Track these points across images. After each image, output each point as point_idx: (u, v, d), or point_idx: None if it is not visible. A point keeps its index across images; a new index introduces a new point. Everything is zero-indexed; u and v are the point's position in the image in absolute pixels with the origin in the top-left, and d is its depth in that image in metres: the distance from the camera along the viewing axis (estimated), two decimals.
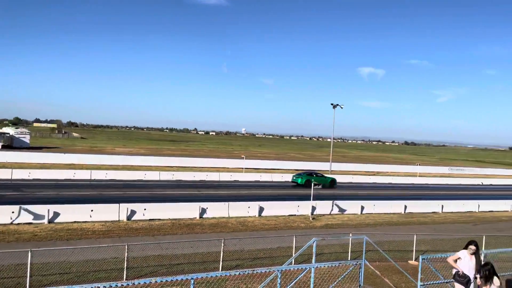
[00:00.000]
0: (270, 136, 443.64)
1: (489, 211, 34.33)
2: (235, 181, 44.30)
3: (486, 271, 8.24)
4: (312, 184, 29.87)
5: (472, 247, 9.17)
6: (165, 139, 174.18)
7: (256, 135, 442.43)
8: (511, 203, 36.53)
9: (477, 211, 33.97)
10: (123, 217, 22.20)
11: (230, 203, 25.89)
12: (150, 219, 22.70)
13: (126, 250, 13.45)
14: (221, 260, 15.18)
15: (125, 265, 13.48)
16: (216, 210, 25.06)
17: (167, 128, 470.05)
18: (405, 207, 31.36)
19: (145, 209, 23.10)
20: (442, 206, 32.79)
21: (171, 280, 6.70)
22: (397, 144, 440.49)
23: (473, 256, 9.16)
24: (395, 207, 31.17)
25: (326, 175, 47.36)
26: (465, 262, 9.08)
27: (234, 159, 64.71)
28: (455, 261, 9.23)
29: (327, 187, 43.46)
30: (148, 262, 15.29)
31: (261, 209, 26.16)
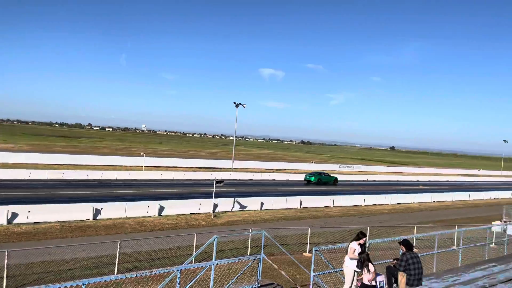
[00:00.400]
0: (172, 133, 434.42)
1: (372, 205, 38.01)
2: (133, 180, 42.46)
3: (361, 258, 9.05)
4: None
5: (364, 238, 9.99)
6: (54, 134, 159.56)
7: (157, 132, 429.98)
8: (391, 197, 40.96)
9: (362, 205, 37.39)
10: (3, 221, 19.82)
11: (128, 203, 24.72)
12: (35, 222, 20.60)
13: (6, 257, 12.03)
14: (116, 263, 14.40)
15: (5, 274, 12.06)
16: (112, 210, 23.71)
17: (56, 123, 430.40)
18: (301, 202, 33.21)
19: (29, 211, 20.90)
20: (333, 201, 35.42)
21: (59, 287, 6.13)
22: (294, 143, 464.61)
23: (361, 246, 9.99)
24: (292, 202, 32.83)
25: (331, 174, 56.66)
26: (357, 252, 9.88)
27: (133, 156, 61.91)
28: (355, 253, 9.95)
29: (331, 184, 52.88)
30: (33, 269, 13.85)
31: (161, 209, 25.45)
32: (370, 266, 8.88)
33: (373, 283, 8.66)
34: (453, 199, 47.40)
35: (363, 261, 9.23)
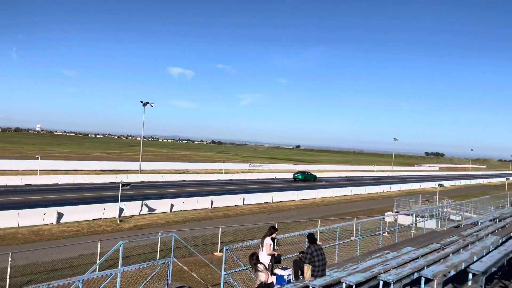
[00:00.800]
0: (72, 134, 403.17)
1: (280, 201, 39.46)
2: (27, 185, 38.55)
3: (278, 254, 9.31)
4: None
5: (276, 232, 10.24)
6: None
7: (55, 133, 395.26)
8: (297, 194, 42.93)
9: (271, 202, 38.62)
10: None
11: (20, 211, 22.40)
12: None
13: None
14: (8, 277, 12.94)
15: None
16: (1, 220, 21.27)
17: None
18: (212, 202, 33.18)
19: None
20: (244, 199, 36.03)
21: None
22: (205, 143, 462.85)
23: (272, 241, 10.24)
24: (203, 203, 32.63)
25: (312, 172, 68.51)
26: (271, 247, 10.10)
27: (26, 160, 56.24)
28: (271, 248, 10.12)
29: (312, 181, 63.61)
30: None
31: (60, 215, 23.48)
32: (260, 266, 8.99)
33: (269, 281, 8.86)
34: (352, 193, 51.28)
35: (277, 257, 9.51)
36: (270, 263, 9.67)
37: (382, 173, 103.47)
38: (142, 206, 28.11)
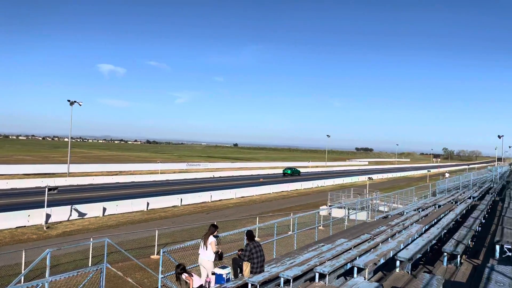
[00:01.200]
0: None
1: (219, 200, 39.35)
2: None
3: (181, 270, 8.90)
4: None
5: (217, 229, 10.14)
6: None
7: None
8: (235, 192, 43.08)
9: (210, 201, 38.37)
10: None
11: None
12: None
13: None
14: None
15: None
16: None
17: None
18: (148, 204, 32.22)
19: None
20: (181, 200, 35.42)
21: None
22: (139, 143, 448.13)
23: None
24: (138, 205, 31.56)
25: (297, 168, 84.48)
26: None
27: None
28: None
29: (298, 175, 76.37)
30: None
31: None
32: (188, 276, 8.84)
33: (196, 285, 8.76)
34: (288, 189, 52.56)
35: (220, 254, 9.43)
36: (214, 261, 9.61)
37: (316, 169, 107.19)
38: (71, 211, 26.56)
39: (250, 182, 58.70)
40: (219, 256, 9.76)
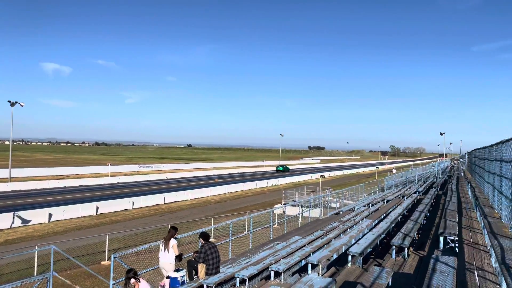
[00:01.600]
0: None
1: (173, 202, 38.65)
2: None
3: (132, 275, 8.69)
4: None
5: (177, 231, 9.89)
6: None
7: None
8: (190, 193, 42.52)
9: (163, 203, 37.60)
10: None
11: None
12: None
13: None
14: None
15: None
16: None
17: None
18: (97, 208, 31.02)
19: None
20: (133, 203, 34.42)
21: None
22: (87, 145, 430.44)
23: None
24: (86, 209, 30.29)
25: (287, 165, 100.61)
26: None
27: None
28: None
29: (288, 171, 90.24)
30: None
31: None
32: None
33: None
34: (243, 189, 52.68)
35: (180, 255, 9.22)
36: (174, 262, 9.41)
37: (271, 168, 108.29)
38: (13, 218, 24.99)
39: (204, 182, 58.22)
40: (179, 258, 9.58)
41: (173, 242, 9.52)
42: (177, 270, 9.00)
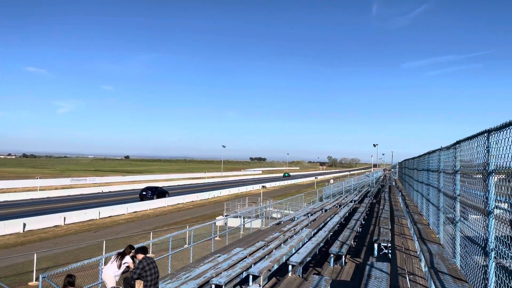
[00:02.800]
0: None
1: (108, 217, 36.90)
2: None
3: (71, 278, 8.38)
4: None
5: (133, 250, 9.39)
6: None
7: None
8: (127, 207, 40.88)
9: (98, 218, 35.77)
10: None
11: None
12: None
13: None
14: None
15: None
16: None
17: None
18: (24, 225, 28.79)
19: None
20: (65, 218, 32.40)
21: None
22: (14, 157, 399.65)
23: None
24: (12, 226, 28.01)
25: (289, 172, 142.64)
26: (127, 265, 9.22)
27: None
28: (128, 267, 9.17)
29: (288, 177, 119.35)
30: None
31: None
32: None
33: None
34: (184, 201, 51.65)
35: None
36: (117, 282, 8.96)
37: (212, 179, 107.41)
38: None
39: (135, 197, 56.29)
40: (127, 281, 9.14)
41: (127, 259, 9.19)
42: None
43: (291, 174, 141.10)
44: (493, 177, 4.30)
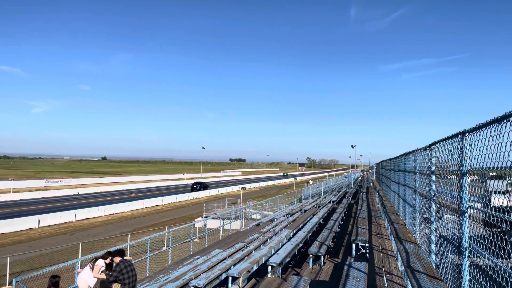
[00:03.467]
0: None
1: (85, 219, 36.16)
2: None
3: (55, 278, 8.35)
4: None
5: (110, 257, 9.19)
6: None
7: None
8: (104, 209, 40.14)
9: (74, 220, 35.01)
10: None
11: None
12: None
13: None
14: None
15: None
16: None
17: None
18: None
19: None
20: (39, 221, 31.60)
21: None
22: None
23: (108, 266, 9.20)
24: None
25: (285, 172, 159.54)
26: (101, 270, 9.02)
27: None
28: (101, 271, 8.96)
29: (286, 176, 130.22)
30: None
31: None
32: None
33: None
34: (163, 203, 51.11)
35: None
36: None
37: (192, 181, 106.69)
38: None
39: (120, 197, 55.44)
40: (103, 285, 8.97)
41: (99, 263, 8.99)
42: None
43: (288, 173, 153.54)
44: (467, 177, 4.41)
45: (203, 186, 71.47)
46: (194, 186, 70.80)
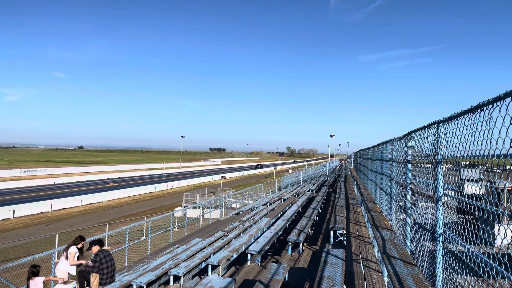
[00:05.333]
0: None
1: (61, 209, 35.55)
2: None
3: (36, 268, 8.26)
4: None
5: (82, 241, 9.03)
6: None
7: None
8: (81, 198, 39.52)
9: (50, 210, 34.36)
10: None
11: None
12: None
13: None
14: None
15: None
16: None
17: None
18: None
19: None
20: (14, 211, 30.89)
21: None
22: None
23: (79, 250, 9.04)
24: None
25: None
26: (76, 257, 8.87)
27: None
28: (76, 258, 8.79)
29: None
30: None
31: None
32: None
33: None
34: (141, 193, 50.66)
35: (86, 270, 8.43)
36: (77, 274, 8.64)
37: (171, 170, 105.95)
38: None
39: (98, 187, 54.64)
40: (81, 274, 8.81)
41: (71, 250, 8.82)
42: (65, 283, 8.29)
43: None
44: (442, 166, 4.52)
45: (262, 167, 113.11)
46: (258, 165, 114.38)
